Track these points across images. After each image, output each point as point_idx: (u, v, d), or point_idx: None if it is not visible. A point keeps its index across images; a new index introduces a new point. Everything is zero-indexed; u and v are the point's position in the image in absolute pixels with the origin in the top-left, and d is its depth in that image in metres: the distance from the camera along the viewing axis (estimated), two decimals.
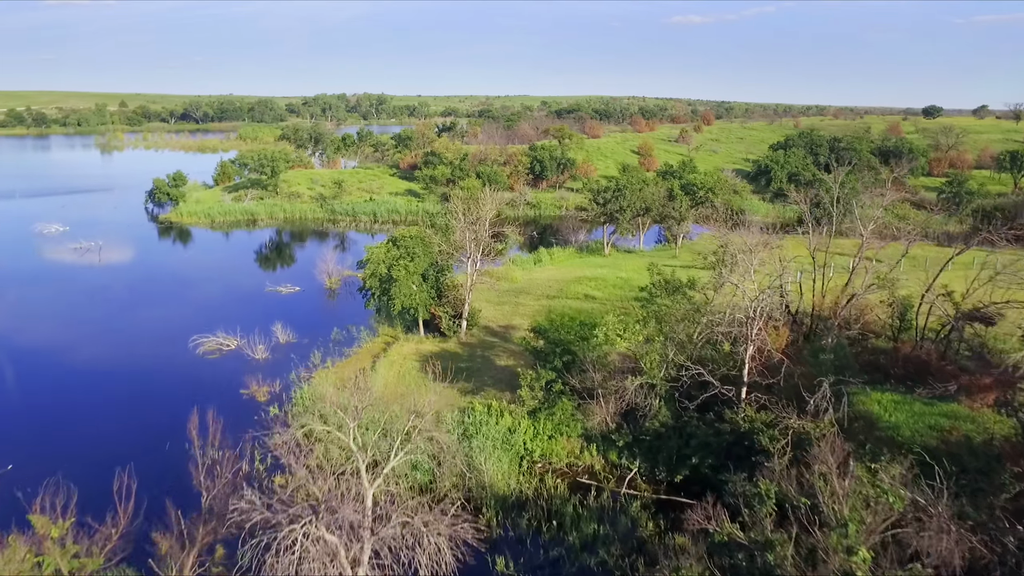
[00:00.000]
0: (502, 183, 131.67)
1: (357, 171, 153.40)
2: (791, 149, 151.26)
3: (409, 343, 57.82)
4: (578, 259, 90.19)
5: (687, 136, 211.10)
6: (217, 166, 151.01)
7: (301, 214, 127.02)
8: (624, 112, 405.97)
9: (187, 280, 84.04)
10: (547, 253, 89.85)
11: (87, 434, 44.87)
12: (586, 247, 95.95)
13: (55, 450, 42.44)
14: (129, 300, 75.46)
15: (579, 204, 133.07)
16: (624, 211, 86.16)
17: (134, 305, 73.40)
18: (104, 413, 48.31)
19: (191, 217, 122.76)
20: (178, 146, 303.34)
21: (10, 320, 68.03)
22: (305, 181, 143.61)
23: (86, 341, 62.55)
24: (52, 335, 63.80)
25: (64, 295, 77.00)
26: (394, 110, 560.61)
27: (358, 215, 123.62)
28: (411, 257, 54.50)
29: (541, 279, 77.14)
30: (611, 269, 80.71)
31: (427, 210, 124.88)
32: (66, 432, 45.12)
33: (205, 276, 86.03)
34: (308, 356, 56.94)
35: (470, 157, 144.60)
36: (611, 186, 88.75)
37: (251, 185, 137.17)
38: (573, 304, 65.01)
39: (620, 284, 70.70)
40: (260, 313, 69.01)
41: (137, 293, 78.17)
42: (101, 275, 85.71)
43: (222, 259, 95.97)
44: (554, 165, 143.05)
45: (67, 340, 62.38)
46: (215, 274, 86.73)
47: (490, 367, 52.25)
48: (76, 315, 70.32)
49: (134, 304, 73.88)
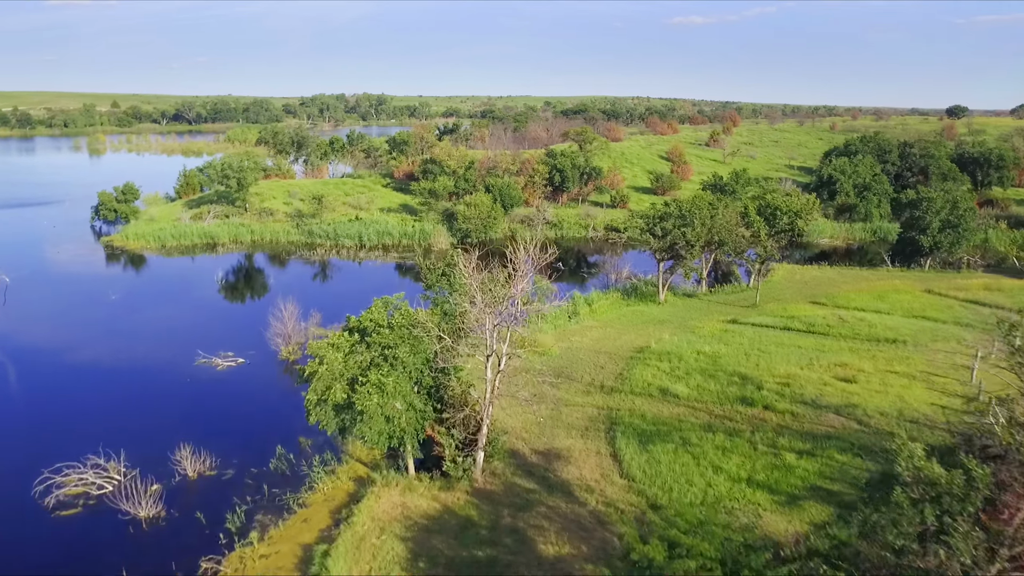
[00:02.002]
0: (517, 199, 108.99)
1: (344, 181, 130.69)
2: (856, 156, 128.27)
3: (391, 492, 35.10)
4: (625, 307, 67.49)
5: (719, 139, 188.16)
6: (180, 176, 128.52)
7: (273, 236, 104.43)
8: (632, 112, 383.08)
9: (89, 348, 61.04)
10: (584, 301, 67.18)
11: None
12: (632, 288, 73.20)
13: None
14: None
15: (611, 223, 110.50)
16: (692, 247, 63.42)
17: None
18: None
19: (137, 241, 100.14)
20: (162, 149, 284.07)
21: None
22: (281, 194, 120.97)
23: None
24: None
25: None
26: (394, 111, 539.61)
27: (340, 239, 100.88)
28: (390, 364, 31.85)
29: (584, 348, 54.50)
30: (679, 329, 58.07)
31: (426, 232, 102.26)
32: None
33: (118, 341, 62.84)
34: (227, 509, 34.56)
35: (477, 165, 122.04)
36: (671, 211, 65.88)
37: (218, 199, 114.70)
38: (645, 407, 42.32)
39: (707, 365, 47.92)
40: (173, 412, 46.47)
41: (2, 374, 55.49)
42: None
43: (155, 306, 73.04)
44: (576, 175, 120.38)
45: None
46: (133, 335, 63.83)
47: (529, 556, 29.69)
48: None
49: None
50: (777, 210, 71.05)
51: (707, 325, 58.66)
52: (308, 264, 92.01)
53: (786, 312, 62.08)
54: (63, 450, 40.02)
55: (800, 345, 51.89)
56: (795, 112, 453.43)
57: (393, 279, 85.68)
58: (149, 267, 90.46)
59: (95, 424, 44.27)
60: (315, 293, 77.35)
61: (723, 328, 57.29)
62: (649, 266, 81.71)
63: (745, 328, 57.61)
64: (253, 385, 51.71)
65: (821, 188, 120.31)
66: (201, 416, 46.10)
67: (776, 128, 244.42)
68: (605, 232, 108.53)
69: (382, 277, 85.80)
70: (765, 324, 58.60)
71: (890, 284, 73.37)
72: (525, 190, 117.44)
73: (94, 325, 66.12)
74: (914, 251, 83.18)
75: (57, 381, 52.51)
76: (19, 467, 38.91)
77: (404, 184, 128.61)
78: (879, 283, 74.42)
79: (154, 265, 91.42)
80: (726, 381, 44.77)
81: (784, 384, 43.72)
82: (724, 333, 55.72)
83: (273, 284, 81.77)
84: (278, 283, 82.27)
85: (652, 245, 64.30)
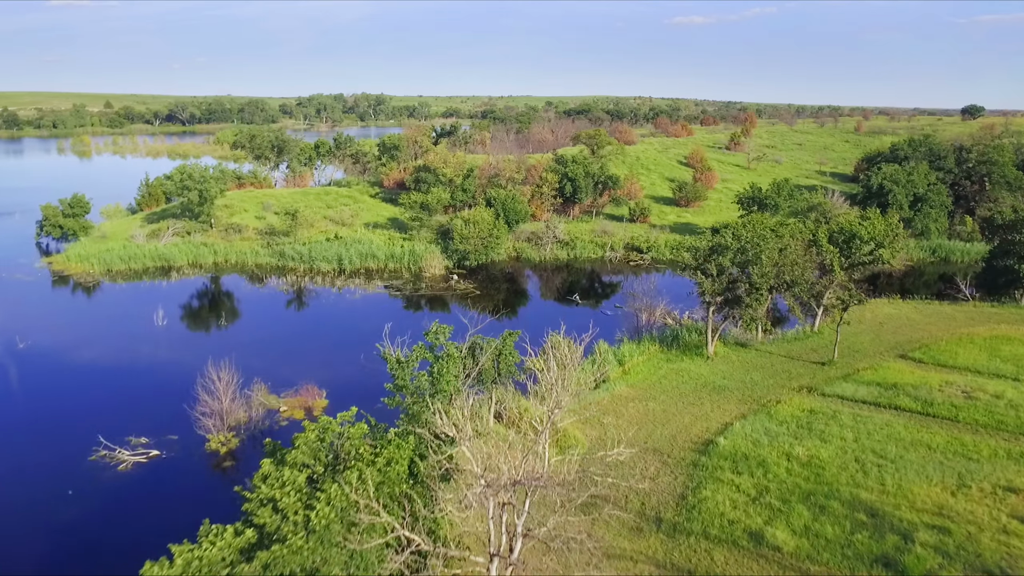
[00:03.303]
0: (523, 213, 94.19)
1: (327, 191, 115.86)
2: (906, 162, 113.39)
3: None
4: (666, 364, 52.65)
5: (740, 143, 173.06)
6: (141, 185, 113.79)
7: (239, 258, 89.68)
8: (636, 112, 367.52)
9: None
10: (613, 357, 52.37)
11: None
12: (672, 335, 58.33)
13: None
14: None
15: (631, 242, 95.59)
16: (759, 291, 48.41)
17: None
18: None
19: (80, 263, 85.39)
20: (147, 151, 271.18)
21: None
22: (254, 207, 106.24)
23: None
24: None
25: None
26: (393, 111, 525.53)
27: (316, 262, 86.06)
28: None
29: (622, 437, 39.49)
30: (744, 403, 43.35)
31: (416, 254, 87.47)
32: None
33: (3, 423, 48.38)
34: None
35: (477, 172, 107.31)
36: (727, 242, 50.66)
37: (182, 212, 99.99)
38: (732, 570, 27.47)
39: (809, 483, 33.05)
40: (33, 552, 31.75)
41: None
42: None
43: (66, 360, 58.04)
44: (590, 184, 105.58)
45: None
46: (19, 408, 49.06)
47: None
48: None
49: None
50: (855, 237, 56.19)
51: (783, 400, 43.81)
52: (276, 293, 77.25)
53: (882, 378, 47.23)
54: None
55: (930, 444, 37.06)
56: (800, 112, 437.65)
57: (374, 317, 70.91)
58: (82, 300, 75.60)
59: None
60: (274, 339, 62.62)
61: (807, 408, 42.46)
62: (679, 292, 66.90)
63: (836, 406, 42.82)
64: (163, 500, 36.90)
65: (870, 199, 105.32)
66: (74, 560, 31.36)
67: (795, 129, 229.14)
68: (625, 253, 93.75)
69: (362, 314, 70.87)
70: (861, 399, 43.78)
71: (994, 330, 58.48)
72: (532, 202, 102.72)
73: (27, 387, 51.26)
74: (1009, 282, 68.37)
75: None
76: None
77: (395, 194, 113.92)
78: (977, 328, 59.54)
79: (91, 297, 76.58)
80: (846, 518, 29.92)
81: (940, 530, 28.89)
82: (811, 417, 40.89)
83: (225, 327, 66.90)
84: (232, 325, 67.49)
85: (704, 288, 49.14)
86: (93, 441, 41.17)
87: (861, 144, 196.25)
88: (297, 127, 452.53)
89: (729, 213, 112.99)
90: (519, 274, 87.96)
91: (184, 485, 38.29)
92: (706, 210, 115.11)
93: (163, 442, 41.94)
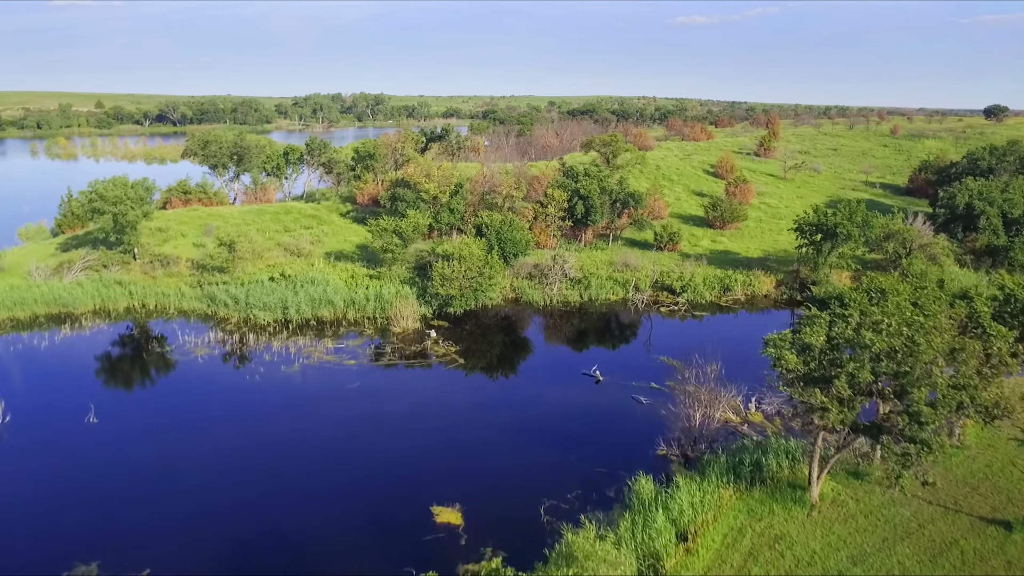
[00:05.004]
0: (522, 244, 74.19)
1: (288, 208, 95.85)
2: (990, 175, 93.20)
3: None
4: (747, 519, 32.71)
5: (768, 148, 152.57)
6: (62, 202, 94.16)
7: (160, 302, 69.88)
8: (642, 113, 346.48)
9: None
10: (662, 510, 32.43)
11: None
12: (748, 458, 38.26)
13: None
14: None
15: (661, 279, 75.59)
16: (919, 418, 28.11)
17: None
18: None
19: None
20: (122, 154, 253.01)
21: None
22: (195, 230, 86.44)
23: None
24: None
25: None
26: (392, 111, 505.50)
27: (253, 310, 66.13)
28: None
29: None
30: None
31: (384, 298, 67.54)
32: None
33: None
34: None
35: (467, 188, 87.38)
36: (867, 340, 30.00)
37: (102, 239, 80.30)
38: None
39: None
40: None
41: None
42: None
43: None
44: (606, 203, 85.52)
45: None
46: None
47: None
48: None
49: None
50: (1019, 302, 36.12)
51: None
52: (182, 363, 57.07)
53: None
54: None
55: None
56: (808, 111, 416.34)
57: (303, 429, 50.72)
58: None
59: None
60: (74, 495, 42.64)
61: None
62: (733, 354, 46.84)
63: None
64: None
65: (954, 222, 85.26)
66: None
67: (825, 132, 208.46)
68: (654, 292, 73.70)
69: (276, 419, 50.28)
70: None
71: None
72: (534, 226, 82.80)
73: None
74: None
75: None
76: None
77: (369, 212, 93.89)
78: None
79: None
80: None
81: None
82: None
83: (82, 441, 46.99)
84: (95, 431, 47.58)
85: (832, 419, 28.60)
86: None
87: (903, 149, 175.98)
88: (292, 128, 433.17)
89: (772, 238, 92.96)
90: (519, 323, 68.14)
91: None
92: (746, 233, 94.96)
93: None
